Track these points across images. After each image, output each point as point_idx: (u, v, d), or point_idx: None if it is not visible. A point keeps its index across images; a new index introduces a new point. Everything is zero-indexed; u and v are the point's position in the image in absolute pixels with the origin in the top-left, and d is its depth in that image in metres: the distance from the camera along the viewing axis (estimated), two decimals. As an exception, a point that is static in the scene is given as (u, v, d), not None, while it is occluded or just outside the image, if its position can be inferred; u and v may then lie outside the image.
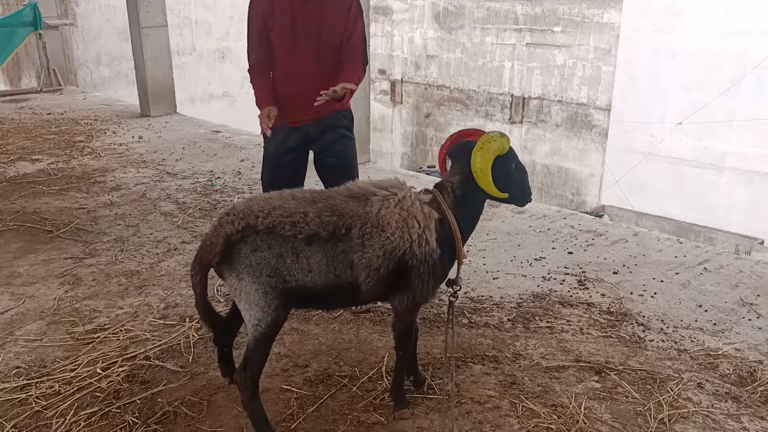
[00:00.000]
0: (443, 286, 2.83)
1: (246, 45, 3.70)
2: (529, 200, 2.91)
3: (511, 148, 2.75)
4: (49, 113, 9.62)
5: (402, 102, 19.70)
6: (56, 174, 6.57)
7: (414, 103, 19.38)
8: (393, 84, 19.78)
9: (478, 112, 17.74)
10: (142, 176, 6.57)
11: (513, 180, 2.79)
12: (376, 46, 19.36)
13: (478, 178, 2.69)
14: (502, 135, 2.71)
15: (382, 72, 19.72)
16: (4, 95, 11.19)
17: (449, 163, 2.87)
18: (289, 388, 3.08)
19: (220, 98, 15.93)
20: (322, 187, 3.29)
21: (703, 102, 13.60)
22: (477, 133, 2.83)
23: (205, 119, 9.99)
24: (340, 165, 3.79)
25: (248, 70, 3.73)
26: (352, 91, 3.54)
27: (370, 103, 7.69)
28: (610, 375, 3.21)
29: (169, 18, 9.95)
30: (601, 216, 13.38)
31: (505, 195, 2.77)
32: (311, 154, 3.86)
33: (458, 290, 2.85)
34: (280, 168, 3.78)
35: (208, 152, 7.56)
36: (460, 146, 2.82)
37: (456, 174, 2.79)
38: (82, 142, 7.94)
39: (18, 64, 11.56)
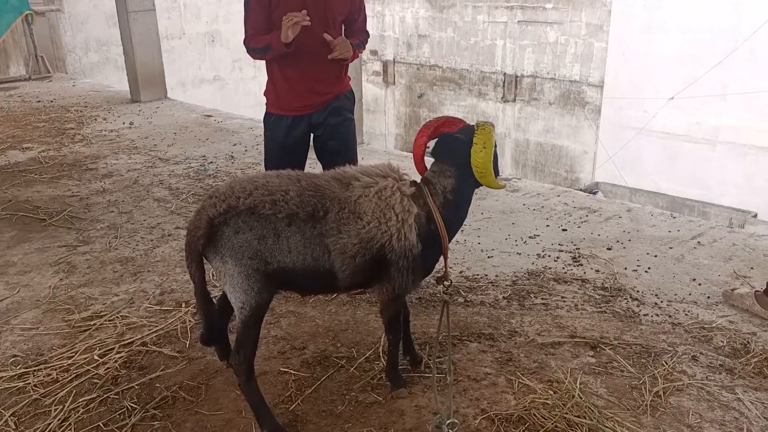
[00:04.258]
0: (434, 282, 2.81)
1: (241, 26, 3.60)
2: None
3: None
4: (39, 101, 9.55)
5: (395, 83, 19.57)
6: (48, 162, 6.54)
7: (407, 83, 19.26)
8: (385, 65, 19.64)
9: (471, 92, 17.65)
10: (134, 162, 6.54)
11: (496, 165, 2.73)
12: (368, 26, 19.15)
13: (481, 176, 2.64)
14: (487, 124, 2.64)
15: (374, 53, 19.56)
16: (-8, 84, 11.11)
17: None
18: (286, 370, 3.09)
19: (211, 82, 15.81)
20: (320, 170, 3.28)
21: (695, 76, 13.56)
22: (451, 123, 2.74)
23: (196, 104, 9.94)
24: (340, 147, 3.78)
25: (247, 43, 3.58)
26: (353, 57, 3.64)
27: (362, 85, 7.65)
28: (605, 350, 3.23)
29: (157, 1, 9.85)
30: (594, 193, 13.40)
31: (504, 185, 2.74)
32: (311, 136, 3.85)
33: (449, 286, 2.74)
34: (283, 155, 3.76)
35: (200, 137, 7.52)
36: (445, 143, 2.71)
37: (446, 176, 2.69)
38: (72, 129, 7.89)
39: (5, 51, 11.41)
